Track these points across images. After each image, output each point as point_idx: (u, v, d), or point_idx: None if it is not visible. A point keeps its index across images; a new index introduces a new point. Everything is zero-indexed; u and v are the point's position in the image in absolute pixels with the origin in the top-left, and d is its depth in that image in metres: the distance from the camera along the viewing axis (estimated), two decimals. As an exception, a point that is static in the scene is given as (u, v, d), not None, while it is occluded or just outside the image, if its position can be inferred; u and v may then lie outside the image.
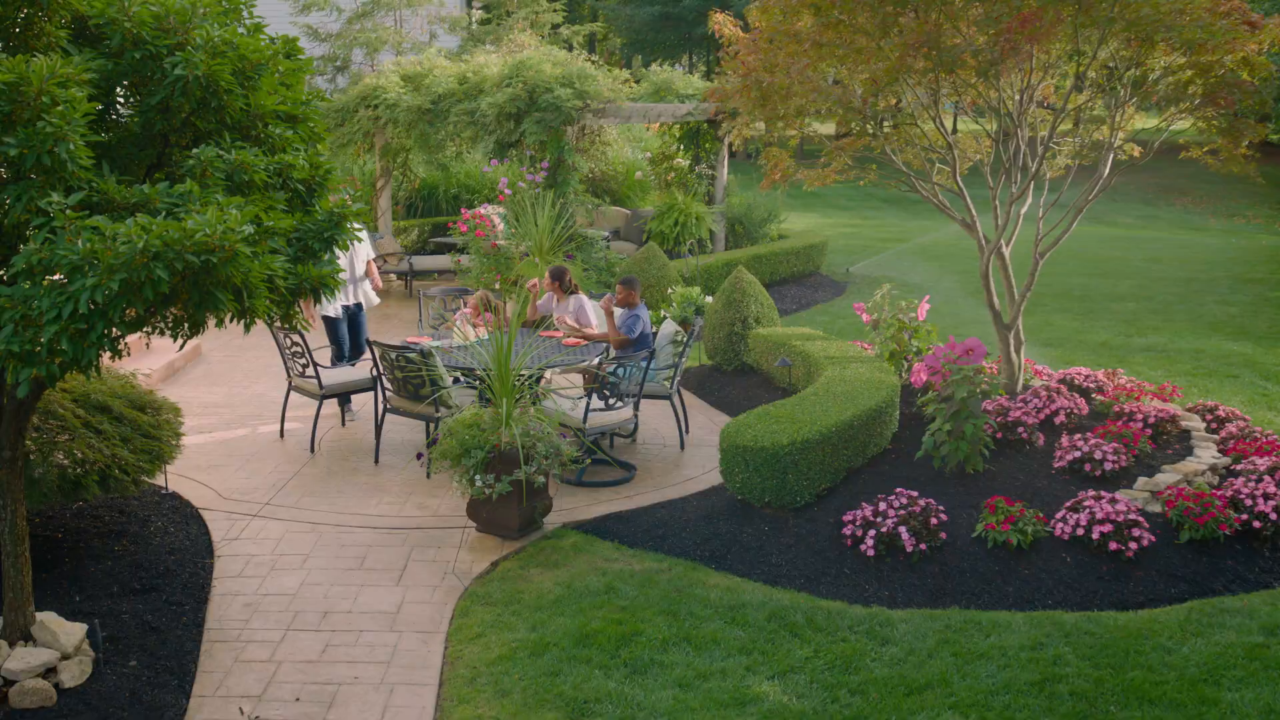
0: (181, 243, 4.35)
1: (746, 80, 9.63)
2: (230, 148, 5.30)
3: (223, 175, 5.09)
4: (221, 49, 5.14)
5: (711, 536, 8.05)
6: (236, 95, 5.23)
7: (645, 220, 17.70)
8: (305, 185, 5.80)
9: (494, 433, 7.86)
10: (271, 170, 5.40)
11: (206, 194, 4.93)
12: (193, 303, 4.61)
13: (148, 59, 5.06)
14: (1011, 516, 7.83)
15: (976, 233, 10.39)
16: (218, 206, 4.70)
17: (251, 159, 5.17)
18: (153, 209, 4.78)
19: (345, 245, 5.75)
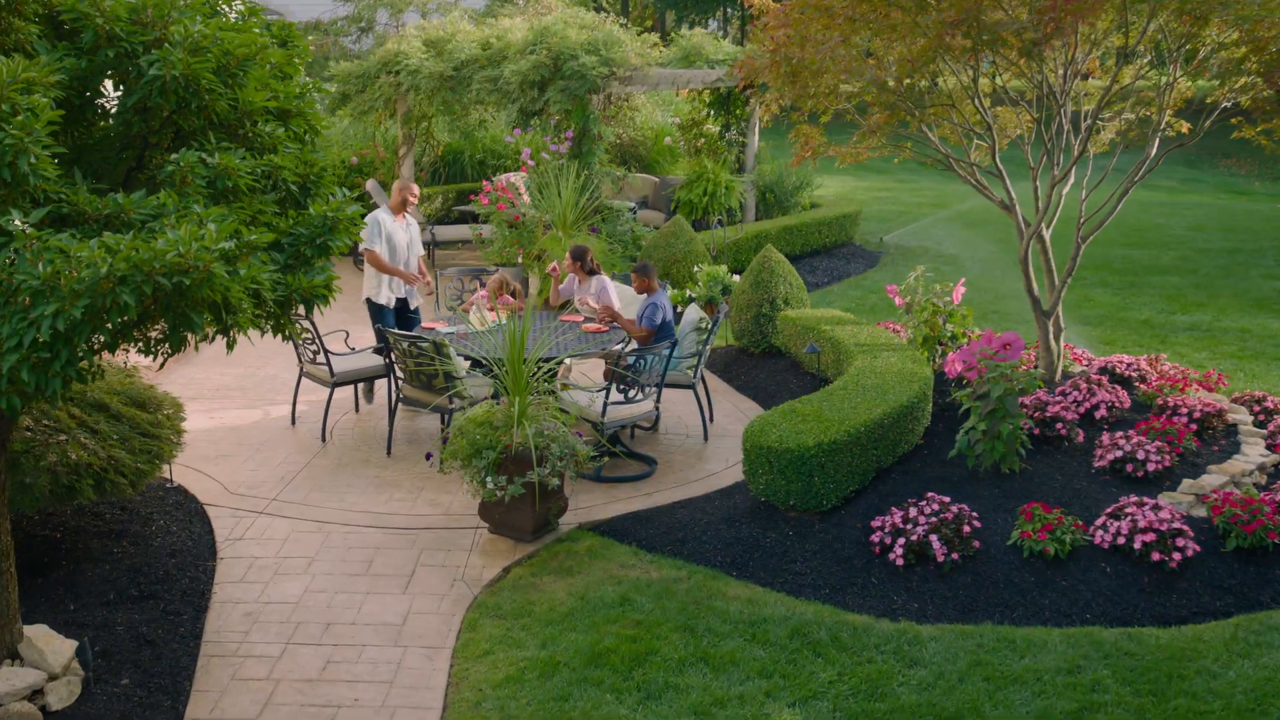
0: (150, 264, 4.01)
1: (776, 56, 9.17)
2: (214, 149, 4.94)
3: (204, 182, 4.74)
4: (203, 44, 4.77)
5: (733, 541, 7.71)
6: (220, 94, 4.86)
7: (673, 189, 17.25)
8: (299, 184, 5.44)
9: (506, 432, 7.53)
10: (259, 173, 5.04)
11: (186, 203, 4.58)
12: (166, 325, 4.27)
13: (123, 57, 4.69)
14: (1049, 524, 7.44)
15: (1015, 215, 9.92)
16: (193, 221, 4.35)
17: (235, 163, 4.81)
18: (127, 220, 4.44)
19: (346, 247, 5.40)
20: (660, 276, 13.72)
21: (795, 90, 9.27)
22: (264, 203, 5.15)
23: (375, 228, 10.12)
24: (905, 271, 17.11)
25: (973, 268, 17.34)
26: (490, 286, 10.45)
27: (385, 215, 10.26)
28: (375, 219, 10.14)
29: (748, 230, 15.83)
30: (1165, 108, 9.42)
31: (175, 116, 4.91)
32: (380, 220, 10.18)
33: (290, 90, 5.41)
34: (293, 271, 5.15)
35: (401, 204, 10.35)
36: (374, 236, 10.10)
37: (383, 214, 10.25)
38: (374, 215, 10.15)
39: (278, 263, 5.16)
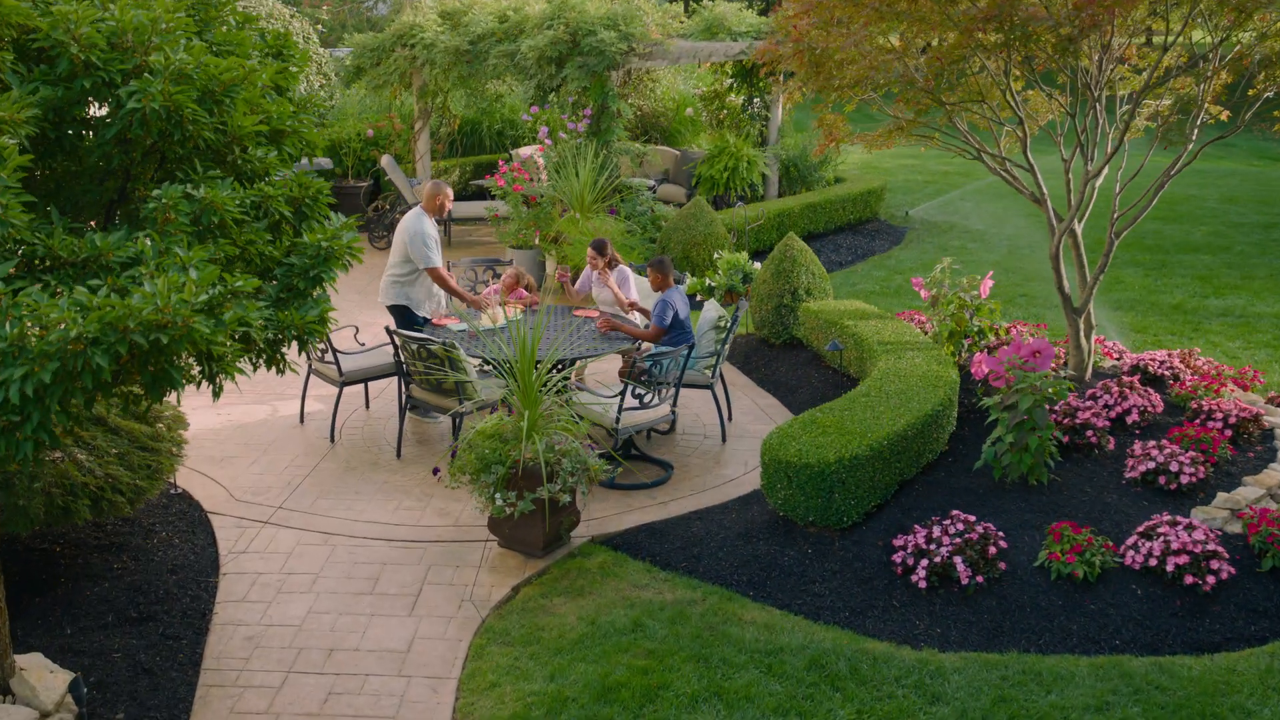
0: (125, 321, 3.76)
1: (799, 46, 8.81)
2: (201, 180, 4.67)
3: (188, 218, 4.47)
4: (186, 71, 4.48)
5: (750, 559, 7.46)
6: (205, 124, 4.59)
7: (695, 163, 16.90)
8: (293, 208, 5.17)
9: (515, 446, 7.29)
10: (248, 204, 4.77)
11: (168, 243, 4.31)
12: (144, 383, 4.03)
13: (101, 86, 4.42)
14: (1078, 545, 7.17)
15: (1046, 209, 9.57)
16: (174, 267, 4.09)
17: (221, 197, 4.55)
18: (106, 264, 4.18)
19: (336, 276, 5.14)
20: (679, 260, 13.42)
21: (819, 81, 8.91)
22: (254, 232, 4.88)
23: (429, 240, 9.52)
24: (931, 249, 16.78)
25: (999, 245, 16.97)
26: (504, 282, 10.19)
27: (428, 223, 9.64)
28: (426, 233, 9.53)
29: (770, 209, 15.47)
30: (1205, 99, 9.02)
31: (159, 145, 4.64)
32: (428, 233, 9.57)
33: (283, 110, 5.12)
34: (285, 306, 4.89)
35: (440, 208, 9.78)
36: (431, 250, 9.53)
37: (425, 222, 9.62)
38: (421, 229, 9.52)
39: (269, 296, 4.90)
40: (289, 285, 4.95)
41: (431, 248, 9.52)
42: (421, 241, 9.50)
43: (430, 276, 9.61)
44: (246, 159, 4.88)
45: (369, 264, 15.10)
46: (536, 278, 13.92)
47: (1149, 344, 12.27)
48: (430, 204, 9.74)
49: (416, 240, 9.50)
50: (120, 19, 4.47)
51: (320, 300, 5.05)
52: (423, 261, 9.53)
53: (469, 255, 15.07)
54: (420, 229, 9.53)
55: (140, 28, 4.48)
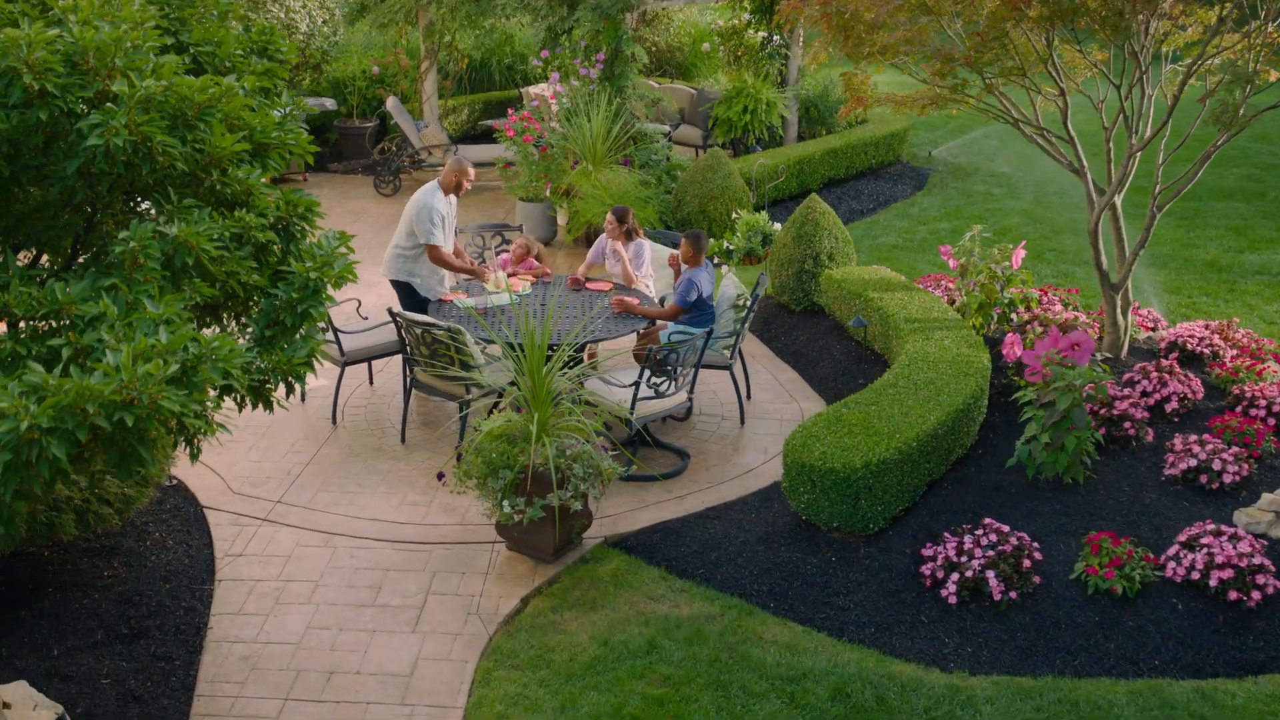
0: (85, 403, 3.36)
1: (826, 9, 8.25)
2: (175, 211, 4.24)
3: (160, 261, 4.04)
4: (155, 95, 4.02)
5: (771, 567, 7.11)
6: (176, 153, 4.14)
7: (711, 103, 16.28)
8: (282, 227, 4.74)
9: (524, 449, 6.90)
10: (228, 237, 4.34)
11: (137, 291, 3.89)
12: (110, 462, 3.64)
13: (60, 116, 3.97)
14: (1117, 559, 6.80)
15: (1086, 182, 9.05)
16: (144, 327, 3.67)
17: (196, 234, 4.11)
18: (69, 317, 3.77)
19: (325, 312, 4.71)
20: (696, 216, 12.92)
21: (848, 46, 8.36)
22: (236, 261, 4.45)
23: (435, 217, 9.02)
24: (955, 195, 16.21)
25: (1026, 191, 16.38)
26: (514, 254, 9.73)
27: (439, 200, 9.11)
28: (434, 209, 9.01)
29: (790, 155, 14.90)
30: (1256, 65, 8.45)
31: (127, 176, 4.20)
32: (438, 209, 9.05)
33: (267, 122, 4.66)
34: (270, 345, 4.47)
35: (456, 187, 9.23)
36: (436, 227, 9.02)
37: (437, 198, 9.10)
38: (430, 204, 9.01)
39: (253, 332, 4.49)
40: (274, 319, 4.52)
41: (437, 224, 9.03)
42: (428, 216, 9.01)
43: (429, 254, 9.12)
44: (226, 181, 4.43)
45: (374, 217, 14.63)
46: (547, 231, 13.44)
47: (1183, 307, 11.80)
48: (448, 180, 9.20)
49: (423, 214, 9.02)
50: (80, 37, 4.00)
51: (309, 337, 4.63)
52: (424, 236, 9.05)
53: (476, 209, 14.58)
54: (430, 203, 9.03)
55: (102, 47, 4.01)
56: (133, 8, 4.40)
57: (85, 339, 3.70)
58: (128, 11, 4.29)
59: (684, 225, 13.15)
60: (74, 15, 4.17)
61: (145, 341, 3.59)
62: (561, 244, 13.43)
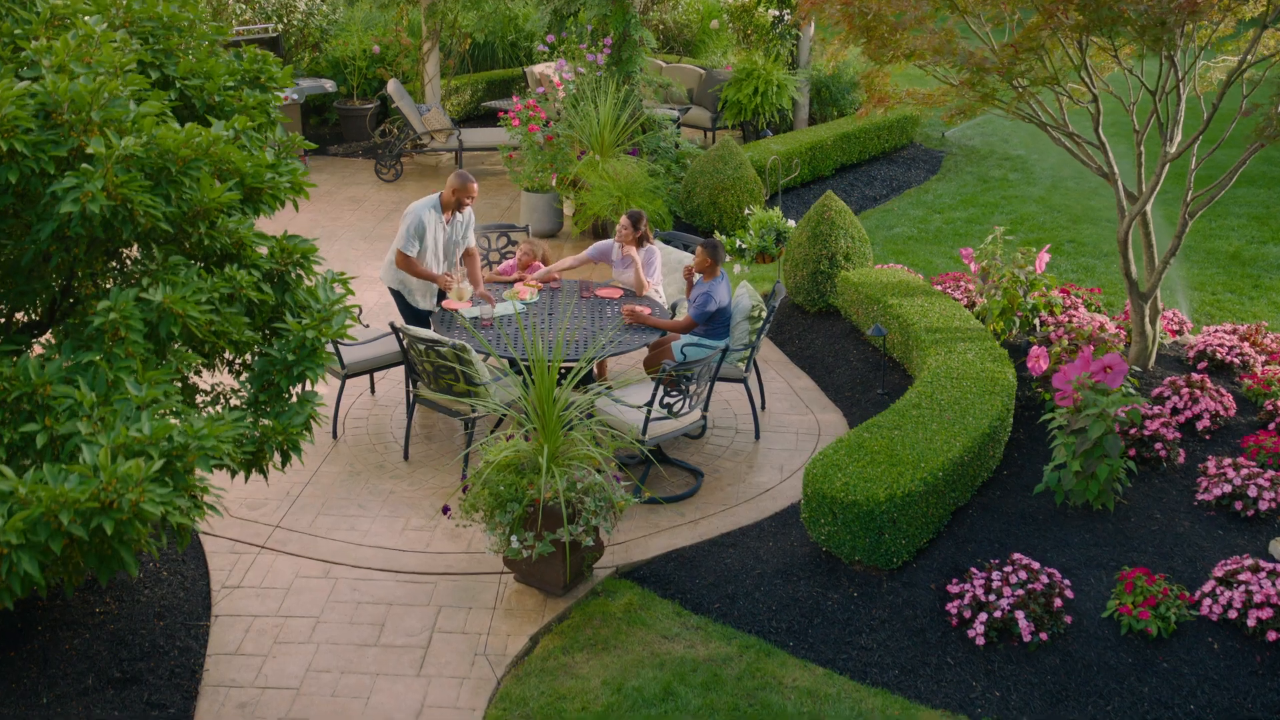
0: (58, 515, 3.05)
1: (849, 9, 7.86)
2: (159, 271, 3.91)
3: (143, 329, 3.72)
4: (135, 152, 3.69)
5: (790, 603, 6.82)
6: (159, 213, 3.81)
7: (721, 85, 15.88)
8: (277, 275, 4.41)
9: (533, 480, 6.60)
10: (218, 298, 4.01)
11: (118, 369, 3.58)
12: (89, 565, 3.34)
13: (32, 177, 3.63)
14: (1152, 598, 6.50)
15: (1117, 189, 8.69)
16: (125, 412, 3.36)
17: (180, 301, 3.79)
18: (43, 400, 3.46)
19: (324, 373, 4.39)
20: (706, 207, 12.56)
21: (872, 47, 7.99)
22: (226, 319, 4.13)
23: (416, 228, 8.63)
24: (970, 180, 15.83)
25: (1043, 177, 15.99)
26: (519, 259, 9.40)
27: (430, 214, 8.70)
28: (419, 220, 8.62)
29: (801, 141, 14.51)
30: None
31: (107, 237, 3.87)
32: (422, 219, 8.65)
33: (259, 164, 4.32)
34: (263, 410, 4.16)
35: (456, 204, 8.80)
36: (410, 239, 8.63)
37: (428, 214, 8.70)
38: (418, 214, 8.63)
39: (248, 390, 4.17)
40: (268, 380, 4.21)
41: (413, 236, 8.62)
42: (410, 225, 8.59)
43: (397, 260, 8.73)
44: (215, 235, 4.10)
45: (374, 205, 14.26)
46: (553, 224, 13.08)
47: (1208, 304, 11.47)
48: (448, 199, 8.77)
49: (406, 220, 8.65)
50: (53, 89, 3.66)
51: (306, 400, 4.31)
52: (398, 240, 8.66)
53: (481, 199, 14.19)
54: (418, 214, 8.64)
55: (77, 99, 3.67)
56: (112, 46, 4.06)
57: (62, 425, 3.40)
58: (106, 52, 3.95)
59: (693, 217, 12.80)
60: (48, 59, 3.83)
61: (126, 432, 3.28)
62: (568, 236, 13.08)
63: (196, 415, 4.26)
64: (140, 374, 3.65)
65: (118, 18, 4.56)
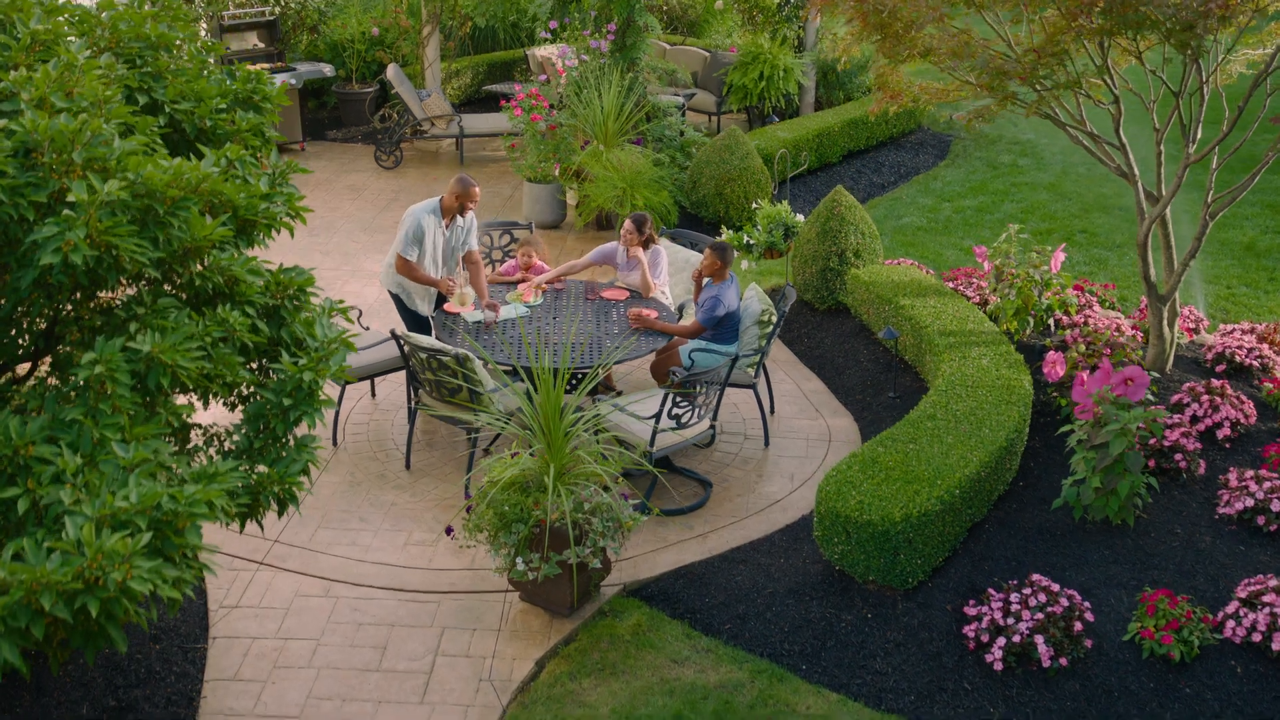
0: (39, 598, 2.86)
1: (863, 6, 7.62)
2: (147, 315, 3.71)
3: (130, 381, 3.52)
4: (120, 196, 3.48)
5: (802, 624, 6.65)
6: (146, 258, 3.60)
7: (726, 68, 15.60)
8: (272, 310, 4.21)
9: (539, 499, 6.42)
10: (209, 342, 3.81)
11: (103, 426, 3.38)
12: (75, 644, 3.16)
13: (11, 224, 3.42)
14: (1174, 621, 6.33)
15: (1137, 189, 8.47)
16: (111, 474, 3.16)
17: (169, 351, 3.58)
18: (24, 461, 3.26)
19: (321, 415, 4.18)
20: (712, 198, 12.33)
21: (885, 45, 7.75)
22: (222, 361, 3.93)
23: (415, 232, 8.40)
24: (979, 166, 15.58)
25: (1053, 162, 15.73)
26: (520, 261, 9.18)
27: (429, 218, 8.46)
28: (417, 222, 8.38)
29: (809, 128, 14.26)
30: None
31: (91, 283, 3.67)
32: (421, 224, 8.41)
33: (252, 194, 4.10)
34: (258, 457, 3.96)
35: (458, 209, 8.55)
36: (409, 243, 8.40)
37: (427, 215, 8.45)
38: (418, 218, 8.40)
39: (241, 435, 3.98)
40: (263, 424, 4.01)
41: (412, 241, 8.39)
42: (409, 228, 8.36)
43: (397, 265, 8.50)
44: (206, 273, 3.89)
45: (374, 194, 14.01)
46: (556, 214, 12.84)
47: (1223, 299, 11.27)
48: (449, 203, 8.52)
49: (405, 224, 8.41)
50: (33, 127, 3.45)
51: (303, 446, 4.11)
52: (397, 245, 8.43)
53: (483, 185, 13.93)
54: (417, 218, 8.40)
55: (58, 138, 3.45)
56: (95, 75, 3.84)
57: (44, 489, 3.21)
58: (90, 82, 3.73)
59: (699, 208, 12.57)
60: (28, 91, 3.61)
61: (112, 500, 3.10)
62: (571, 227, 12.85)
63: (187, 464, 4.07)
64: (128, 429, 3.46)
65: (103, 39, 4.35)
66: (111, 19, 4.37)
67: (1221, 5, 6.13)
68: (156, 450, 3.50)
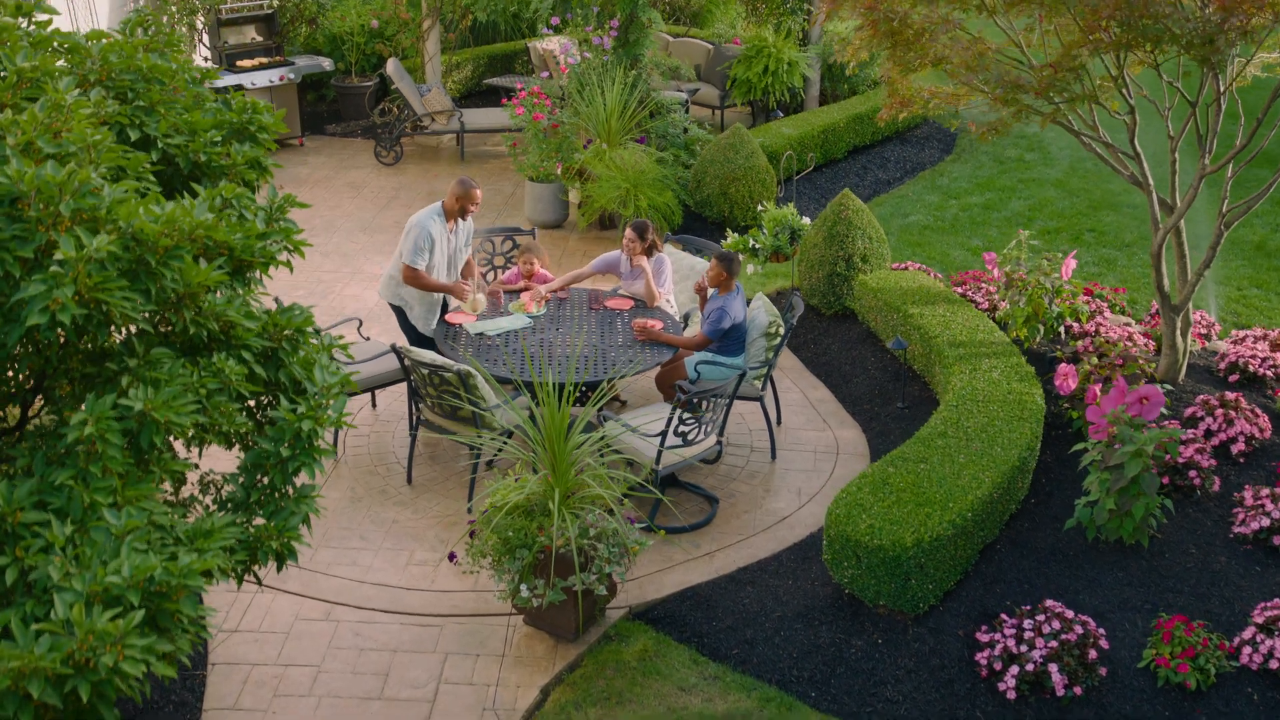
0: (25, 684, 2.74)
1: (873, 14, 7.45)
2: (139, 368, 3.57)
3: (122, 441, 3.39)
4: (112, 250, 3.34)
5: (812, 650, 6.53)
6: (138, 313, 3.46)
7: (729, 62, 15.43)
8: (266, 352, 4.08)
9: (543, 523, 6.30)
10: (205, 394, 3.68)
11: (94, 490, 3.25)
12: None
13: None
14: (1190, 649, 6.22)
15: (1151, 199, 8.32)
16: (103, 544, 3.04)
17: (163, 408, 3.45)
18: (12, 528, 3.14)
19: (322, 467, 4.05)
20: (716, 198, 12.17)
21: (896, 53, 7.59)
22: (218, 410, 3.80)
23: (425, 239, 8.24)
24: (986, 162, 15.41)
25: (1061, 157, 15.57)
26: (522, 269, 9.03)
27: (436, 224, 8.31)
28: (425, 231, 8.23)
29: (814, 124, 14.09)
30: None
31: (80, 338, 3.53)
32: (430, 232, 8.26)
33: (249, 234, 3.96)
34: (255, 510, 3.84)
35: (460, 212, 8.42)
36: (421, 250, 8.24)
37: (433, 223, 8.31)
38: (424, 225, 8.25)
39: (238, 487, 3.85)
40: (259, 474, 3.88)
41: (424, 247, 8.24)
42: (417, 236, 8.20)
43: (405, 275, 8.34)
44: (201, 319, 3.76)
45: (375, 191, 13.86)
46: (558, 214, 12.68)
47: (1234, 301, 11.13)
48: (450, 205, 8.38)
49: (412, 233, 8.24)
50: (18, 177, 3.30)
51: (302, 497, 3.98)
52: (406, 255, 8.27)
53: (483, 180, 13.76)
54: (424, 225, 8.25)
55: (44, 189, 3.31)
56: (84, 115, 3.69)
57: (33, 558, 3.09)
58: (79, 126, 3.58)
59: (703, 207, 12.42)
60: (14, 135, 3.47)
61: (103, 575, 2.98)
62: (573, 227, 12.69)
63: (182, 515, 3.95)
64: (120, 492, 3.34)
65: (93, 71, 4.20)
66: (102, 51, 4.22)
67: (1243, 19, 5.98)
68: (150, 513, 3.37)
